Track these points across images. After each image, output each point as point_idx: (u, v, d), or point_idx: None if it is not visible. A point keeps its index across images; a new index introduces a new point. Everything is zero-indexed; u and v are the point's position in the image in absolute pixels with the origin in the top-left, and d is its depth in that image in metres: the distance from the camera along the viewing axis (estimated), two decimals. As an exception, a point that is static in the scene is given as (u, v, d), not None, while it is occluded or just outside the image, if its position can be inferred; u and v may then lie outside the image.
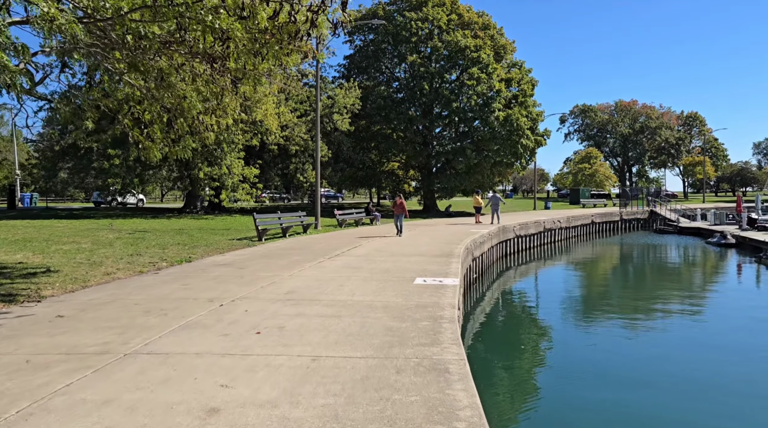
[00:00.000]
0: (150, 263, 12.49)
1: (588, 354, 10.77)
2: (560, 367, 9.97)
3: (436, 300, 7.95)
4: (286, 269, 11.41)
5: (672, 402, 8.11)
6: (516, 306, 16.05)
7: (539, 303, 16.47)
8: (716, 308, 15.51)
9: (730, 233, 31.40)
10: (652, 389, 8.59)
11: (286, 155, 34.40)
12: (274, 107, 31.07)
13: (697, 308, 15.36)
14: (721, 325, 13.23)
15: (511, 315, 14.80)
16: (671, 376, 9.21)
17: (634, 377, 9.23)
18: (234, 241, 17.84)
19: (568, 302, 16.39)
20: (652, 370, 9.58)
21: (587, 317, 14.38)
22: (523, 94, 38.69)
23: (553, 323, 13.53)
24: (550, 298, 16.98)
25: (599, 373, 9.58)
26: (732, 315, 14.28)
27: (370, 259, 13.19)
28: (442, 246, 16.36)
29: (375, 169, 42.68)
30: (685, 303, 15.88)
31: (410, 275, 10.39)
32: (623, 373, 9.51)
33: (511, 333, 12.83)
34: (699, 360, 10.28)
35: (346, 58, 42.88)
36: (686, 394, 8.45)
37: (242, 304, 7.78)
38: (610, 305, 15.81)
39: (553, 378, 9.35)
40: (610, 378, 9.31)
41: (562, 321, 13.75)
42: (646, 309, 15.05)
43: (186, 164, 30.17)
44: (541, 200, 60.44)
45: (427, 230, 23.37)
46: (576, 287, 19.44)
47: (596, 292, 18.46)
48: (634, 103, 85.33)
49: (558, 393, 8.61)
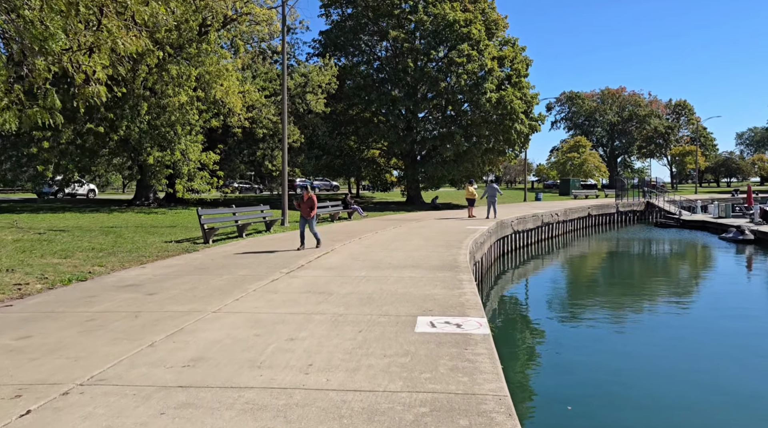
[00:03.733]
0: (18, 283, 8.50)
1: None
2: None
3: (466, 387, 4.17)
4: (217, 297, 7.55)
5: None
6: (529, 331, 12.38)
7: (560, 336, 12.81)
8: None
9: (748, 228, 28.30)
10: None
11: (253, 139, 30.28)
12: (237, 84, 26.94)
13: (743, 318, 11.90)
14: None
15: (526, 343, 11.13)
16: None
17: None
18: (171, 244, 13.86)
19: (597, 331, 12.77)
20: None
21: (626, 348, 10.78)
22: (517, 74, 35.01)
23: (594, 369, 9.90)
24: (570, 324, 13.37)
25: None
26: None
27: (344, 275, 9.37)
28: (440, 251, 12.63)
29: (354, 156, 38.72)
30: (730, 316, 12.40)
31: (407, 312, 6.61)
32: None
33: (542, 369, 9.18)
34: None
35: (321, 34, 38.69)
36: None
37: (73, 411, 3.91)
38: (642, 323, 12.25)
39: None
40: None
41: (602, 363, 10.12)
42: (695, 328, 11.53)
43: (133, 148, 25.90)
44: (530, 192, 57.17)
45: (416, 227, 19.61)
46: (596, 305, 15.79)
47: (624, 307, 14.86)
48: (621, 91, 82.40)
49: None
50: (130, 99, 24.10)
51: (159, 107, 25.07)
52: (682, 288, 17.20)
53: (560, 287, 17.86)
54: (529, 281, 18.54)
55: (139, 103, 23.89)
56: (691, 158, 77.54)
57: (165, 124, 25.21)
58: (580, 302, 14.96)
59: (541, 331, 11.86)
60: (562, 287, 17.94)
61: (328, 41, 37.69)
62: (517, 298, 15.93)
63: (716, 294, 16.09)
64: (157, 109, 25.15)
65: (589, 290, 16.87)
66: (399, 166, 40.72)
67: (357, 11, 36.05)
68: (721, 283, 17.89)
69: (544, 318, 12.87)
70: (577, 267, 22.12)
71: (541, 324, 12.39)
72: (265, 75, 31.92)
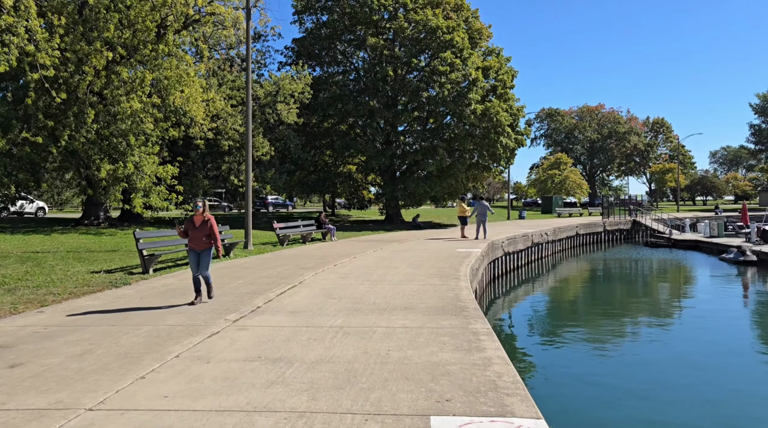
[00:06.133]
0: None
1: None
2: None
3: None
4: (114, 371, 4.89)
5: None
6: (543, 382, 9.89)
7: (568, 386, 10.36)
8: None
9: (749, 249, 26.53)
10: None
11: (218, 152, 27.55)
12: (200, 91, 24.29)
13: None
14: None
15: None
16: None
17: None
18: (99, 275, 11.09)
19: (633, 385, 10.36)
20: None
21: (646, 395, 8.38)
22: (503, 86, 33.04)
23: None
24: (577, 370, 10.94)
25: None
26: None
27: (313, 323, 6.79)
28: (435, 283, 10.15)
29: (329, 172, 36.15)
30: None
31: (410, 405, 4.05)
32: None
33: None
34: None
35: (295, 41, 36.31)
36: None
37: None
38: (667, 358, 9.91)
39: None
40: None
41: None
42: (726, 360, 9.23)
43: (81, 160, 22.96)
44: (512, 210, 55.29)
45: (400, 250, 17.11)
46: (599, 340, 13.43)
47: (646, 340, 12.49)
48: (600, 108, 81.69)
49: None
50: (75, 105, 21.28)
51: (109, 114, 22.27)
52: (700, 317, 14.94)
53: (570, 325, 15.46)
54: (531, 318, 16.12)
55: (85, 110, 21.06)
56: (671, 176, 76.86)
57: (116, 133, 22.39)
58: (601, 344, 12.55)
59: (558, 390, 9.40)
60: (573, 325, 15.54)
61: (301, 49, 35.34)
62: (517, 336, 13.47)
63: (736, 325, 13.89)
64: (108, 117, 22.34)
65: (606, 328, 14.50)
66: (377, 182, 38.25)
67: (333, 18, 33.82)
68: (739, 313, 15.75)
69: (559, 375, 10.42)
70: (582, 297, 19.80)
71: (555, 383, 9.93)
72: (232, 83, 29.31)
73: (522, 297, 18.37)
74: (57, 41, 19.69)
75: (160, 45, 22.15)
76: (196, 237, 8.31)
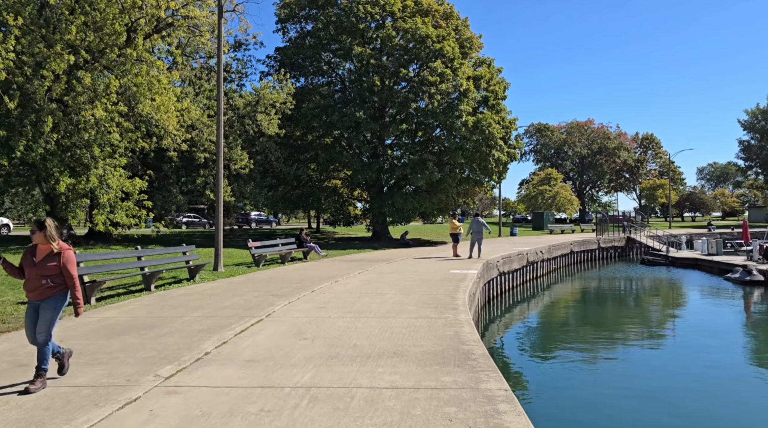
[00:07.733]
0: None
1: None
2: None
3: None
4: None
5: None
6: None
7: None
8: None
9: (755, 268, 25.19)
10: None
11: (193, 165, 25.74)
12: (174, 100, 22.57)
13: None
14: None
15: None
16: None
17: None
18: (20, 307, 9.24)
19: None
20: None
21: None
22: (495, 97, 31.68)
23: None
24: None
25: None
26: None
27: (272, 382, 5.04)
28: (429, 315, 8.43)
29: (314, 186, 34.42)
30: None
31: None
32: None
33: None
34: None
35: (278, 51, 34.78)
36: None
37: None
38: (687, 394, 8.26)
39: None
40: None
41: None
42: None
43: (39, 173, 21.06)
44: (504, 226, 53.87)
45: (388, 272, 15.37)
46: (613, 370, 11.76)
47: (664, 373, 10.83)
48: (589, 123, 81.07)
49: None
50: (32, 113, 19.46)
51: (71, 123, 20.46)
52: (720, 347, 13.34)
53: (581, 364, 13.79)
54: (532, 348, 14.45)
55: (43, 118, 19.23)
56: (662, 192, 76.10)
57: (79, 144, 20.56)
58: (618, 376, 10.87)
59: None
60: (584, 362, 13.87)
61: (285, 59, 33.80)
62: (522, 369, 11.75)
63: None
64: (69, 126, 20.52)
65: (618, 361, 12.85)
66: (364, 197, 36.56)
67: (317, 27, 32.37)
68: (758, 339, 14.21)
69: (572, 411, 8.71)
70: (587, 323, 18.19)
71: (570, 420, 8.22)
72: (210, 93, 27.65)
73: (518, 319, 16.69)
74: (12, 43, 17.93)
75: (128, 49, 20.45)
76: (33, 279, 5.08)
